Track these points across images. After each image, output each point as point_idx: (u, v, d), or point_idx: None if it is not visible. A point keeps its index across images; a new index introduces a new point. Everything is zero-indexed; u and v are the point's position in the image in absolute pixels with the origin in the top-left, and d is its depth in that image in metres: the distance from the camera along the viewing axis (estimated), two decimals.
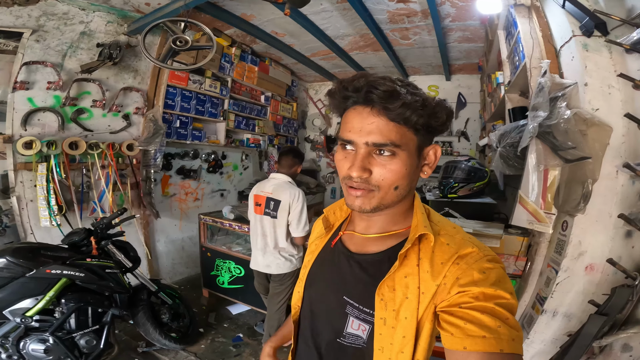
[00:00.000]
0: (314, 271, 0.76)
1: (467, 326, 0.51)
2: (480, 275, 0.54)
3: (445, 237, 0.62)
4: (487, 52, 3.22)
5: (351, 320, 0.65)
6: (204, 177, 4.14)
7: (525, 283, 1.70)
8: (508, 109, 2.34)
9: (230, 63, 3.83)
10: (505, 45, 2.40)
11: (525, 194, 1.58)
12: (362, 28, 3.33)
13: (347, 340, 0.65)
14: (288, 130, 5.17)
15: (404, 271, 0.61)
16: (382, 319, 0.60)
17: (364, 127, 0.58)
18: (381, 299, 0.61)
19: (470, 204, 2.05)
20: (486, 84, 3.57)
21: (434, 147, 0.65)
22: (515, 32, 2.06)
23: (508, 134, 1.73)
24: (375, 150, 0.59)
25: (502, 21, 2.36)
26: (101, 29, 2.83)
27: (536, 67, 1.69)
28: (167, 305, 2.46)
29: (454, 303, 0.54)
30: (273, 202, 2.11)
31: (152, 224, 3.51)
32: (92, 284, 1.93)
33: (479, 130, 4.56)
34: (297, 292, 0.79)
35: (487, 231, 1.75)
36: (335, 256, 0.73)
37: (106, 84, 2.93)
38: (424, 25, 3.17)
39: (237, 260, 2.88)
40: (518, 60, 2.00)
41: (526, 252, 1.71)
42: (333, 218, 0.81)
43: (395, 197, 0.62)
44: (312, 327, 0.73)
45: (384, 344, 0.60)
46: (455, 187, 2.04)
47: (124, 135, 3.12)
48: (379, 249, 0.67)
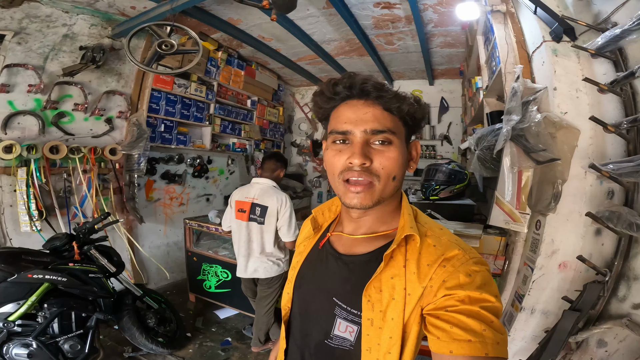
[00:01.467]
0: (302, 272, 0.76)
1: (453, 330, 0.51)
2: (466, 278, 0.55)
3: (431, 239, 0.63)
4: (467, 57, 3.34)
5: (338, 322, 0.65)
6: (189, 181, 4.09)
7: (504, 281, 1.75)
8: (486, 113, 2.43)
9: (216, 67, 3.82)
10: (484, 50, 2.49)
11: (502, 194, 1.64)
12: (347, 33, 3.39)
13: (334, 342, 0.65)
14: (274, 134, 5.18)
15: (391, 272, 0.61)
16: (369, 319, 0.61)
17: (359, 116, 0.60)
18: (368, 300, 0.61)
19: (451, 206, 2.12)
20: (467, 88, 3.69)
21: (415, 142, 0.69)
22: (492, 37, 2.14)
23: (485, 137, 1.80)
24: (372, 138, 0.60)
25: (481, 27, 2.45)
26: (85, 32, 2.79)
27: (510, 72, 1.76)
28: (153, 309, 2.43)
29: (440, 306, 0.55)
30: (259, 208, 2.12)
31: (136, 229, 3.45)
32: (75, 288, 1.91)
33: (461, 134, 4.69)
34: (286, 294, 0.79)
35: (467, 231, 1.81)
36: (323, 257, 0.73)
37: (88, 87, 2.88)
38: (408, 30, 3.26)
39: (224, 265, 2.86)
40: (495, 65, 2.08)
41: (504, 251, 1.77)
42: (321, 219, 0.81)
43: (393, 188, 0.63)
44: (301, 328, 0.73)
45: (372, 345, 0.61)
46: (436, 189, 2.10)
47: (107, 140, 3.07)
48: (366, 250, 0.67)
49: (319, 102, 0.66)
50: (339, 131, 0.62)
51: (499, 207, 1.64)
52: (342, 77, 0.63)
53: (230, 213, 2.28)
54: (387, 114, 0.61)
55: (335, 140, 0.63)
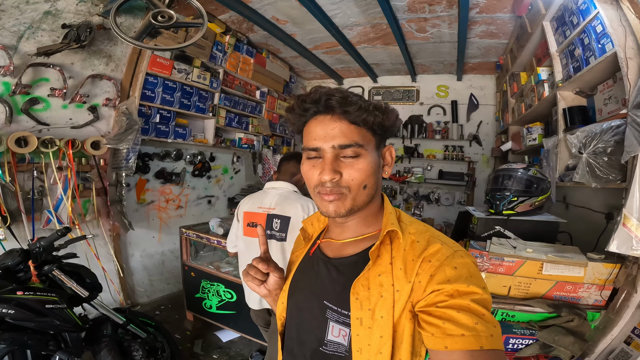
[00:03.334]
0: (295, 281, 0.76)
1: (445, 325, 0.51)
2: (452, 272, 0.55)
3: (415, 235, 0.63)
4: (515, 48, 2.87)
5: (331, 325, 0.65)
6: (188, 181, 3.61)
7: (617, 316, 1.35)
8: (563, 109, 1.97)
9: (222, 52, 3.34)
10: (555, 37, 2.04)
11: (631, 213, 1.19)
12: (375, 16, 2.92)
13: (329, 349, 0.66)
14: (285, 130, 4.70)
15: (378, 270, 0.61)
16: (358, 319, 0.61)
17: (327, 132, 0.61)
18: (356, 298, 0.61)
19: (526, 222, 1.65)
20: (509, 83, 3.23)
21: (389, 147, 0.69)
22: (581, 21, 1.69)
23: (598, 137, 1.34)
24: (341, 152, 0.61)
25: (552, 11, 2.01)
26: (71, 8, 2.32)
27: (632, 58, 1.32)
28: (140, 339, 1.95)
29: (430, 302, 0.54)
30: (278, 219, 1.63)
31: (125, 236, 2.97)
32: (28, 321, 1.44)
33: (493, 134, 4.24)
34: (281, 304, 0.77)
35: (564, 257, 1.35)
36: (314, 264, 0.74)
37: (70, 70, 2.41)
38: (446, 16, 2.79)
39: (228, 284, 2.38)
40: (590, 53, 1.63)
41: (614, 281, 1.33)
42: (311, 229, 0.82)
43: (366, 196, 0.64)
44: (297, 337, 0.73)
45: (362, 345, 0.60)
46: (513, 202, 1.63)
47: (89, 131, 2.59)
48: (354, 252, 0.68)
49: (291, 118, 0.67)
50: (310, 148, 0.63)
51: (627, 229, 1.18)
52: (309, 93, 0.63)
53: (238, 228, 1.77)
54: (353, 127, 0.61)
55: (309, 156, 0.64)
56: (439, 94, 4.48)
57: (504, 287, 1.45)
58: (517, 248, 1.47)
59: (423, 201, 4.55)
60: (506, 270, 1.44)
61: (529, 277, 1.41)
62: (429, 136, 4.46)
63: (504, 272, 1.45)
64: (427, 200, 4.55)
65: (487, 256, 1.45)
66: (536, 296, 1.41)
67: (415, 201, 4.59)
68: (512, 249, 1.47)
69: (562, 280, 1.36)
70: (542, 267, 1.38)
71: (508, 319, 1.41)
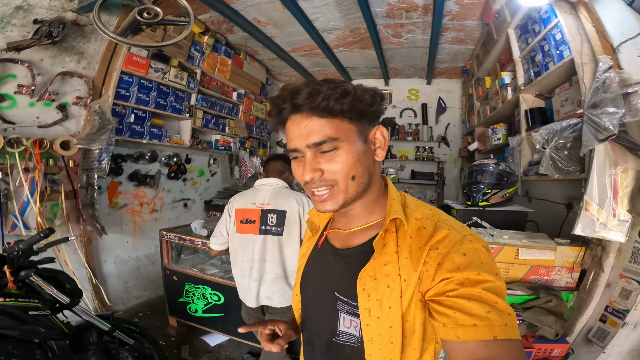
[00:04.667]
0: (306, 273, 0.76)
1: (456, 315, 0.49)
2: (461, 259, 0.53)
3: (421, 221, 0.61)
4: (481, 54, 3.13)
5: (342, 316, 0.65)
6: (163, 184, 3.48)
7: (588, 296, 1.51)
8: (525, 110, 2.20)
9: (201, 53, 3.28)
10: (518, 44, 2.27)
11: (592, 199, 1.37)
12: (354, 21, 3.04)
13: (342, 339, 0.66)
14: (261, 132, 4.68)
15: (384, 259, 0.60)
16: (367, 309, 0.60)
17: (300, 132, 0.60)
18: (363, 288, 0.61)
19: (499, 213, 1.82)
20: (475, 87, 3.51)
21: (379, 128, 0.64)
22: (542, 29, 1.91)
23: (559, 134, 1.53)
24: (318, 150, 0.60)
25: (517, 20, 2.23)
26: (44, 4, 2.20)
27: (587, 63, 1.52)
28: (128, 346, 1.86)
29: (440, 292, 0.53)
30: (274, 214, 1.65)
31: (97, 241, 2.81)
32: (12, 329, 1.33)
33: (460, 135, 4.54)
34: (295, 296, 0.79)
35: (536, 242, 1.52)
36: (323, 255, 0.73)
37: (39, 66, 2.27)
38: (421, 22, 2.98)
39: (214, 286, 2.33)
40: (550, 58, 1.84)
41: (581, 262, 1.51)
42: (318, 220, 0.81)
43: (357, 186, 0.62)
44: (312, 328, 0.74)
45: (373, 335, 0.60)
46: (488, 194, 1.79)
47: (58, 130, 2.43)
48: (360, 241, 0.67)
49: (271, 121, 0.66)
50: (291, 149, 0.63)
51: (590, 214, 1.36)
52: (279, 93, 0.62)
53: (228, 226, 1.76)
54: (324, 120, 0.59)
55: (293, 157, 0.64)
56: (410, 97, 4.72)
57: None
58: (494, 236, 1.61)
59: None
60: None
61: (507, 263, 1.55)
62: (401, 138, 4.67)
63: None
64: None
65: None
66: (514, 280, 1.54)
67: None
68: (490, 237, 1.61)
69: (536, 265, 1.52)
70: (517, 253, 1.52)
71: None
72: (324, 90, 0.57)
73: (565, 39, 1.66)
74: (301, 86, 0.59)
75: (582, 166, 1.53)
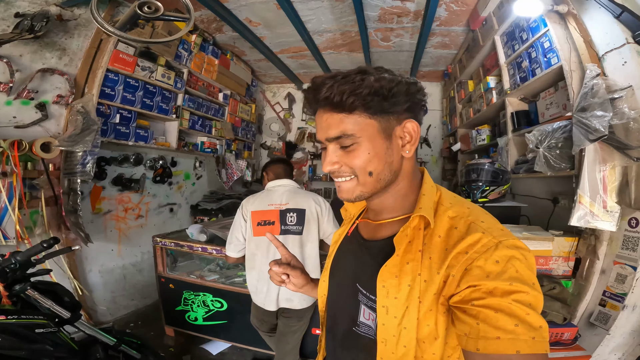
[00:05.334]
0: (335, 261, 0.76)
1: (480, 326, 0.47)
2: (493, 267, 0.49)
3: (454, 220, 0.58)
4: (464, 58, 3.32)
5: (362, 309, 0.65)
6: (148, 188, 3.32)
7: (586, 282, 1.65)
8: (511, 113, 2.36)
9: (188, 52, 3.18)
10: (504, 50, 2.44)
11: (584, 193, 1.51)
12: (346, 24, 3.11)
13: (361, 330, 0.65)
14: (247, 134, 4.61)
15: (407, 257, 0.58)
16: (384, 307, 0.59)
17: (322, 126, 0.61)
18: (383, 285, 0.59)
19: (496, 208, 1.95)
20: (457, 90, 3.70)
21: (409, 122, 0.61)
22: (530, 37, 2.07)
23: (550, 135, 1.67)
24: (335, 143, 0.60)
25: (504, 27, 2.40)
26: None
27: (575, 70, 1.69)
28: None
29: (466, 299, 0.50)
30: (294, 213, 1.65)
31: (80, 250, 2.62)
32: (18, 349, 1.22)
33: (440, 136, 4.76)
34: (322, 282, 0.78)
35: (535, 234, 1.65)
36: (351, 244, 0.74)
37: (18, 62, 2.10)
38: (410, 27, 3.10)
39: (216, 292, 2.27)
40: (537, 65, 2.01)
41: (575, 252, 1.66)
42: (352, 208, 0.81)
43: (376, 182, 0.61)
44: (336, 315, 0.73)
45: (387, 336, 0.59)
46: (486, 191, 1.91)
47: (36, 131, 2.25)
48: (387, 234, 0.65)
49: (308, 110, 0.66)
50: (318, 140, 0.64)
51: (583, 206, 1.50)
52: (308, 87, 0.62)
53: (244, 231, 1.72)
54: (342, 115, 0.58)
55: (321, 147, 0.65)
56: None
57: None
58: None
59: None
60: None
61: None
62: None
63: None
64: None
65: None
66: None
67: None
68: None
69: (535, 255, 1.65)
70: None
71: None
72: (340, 84, 0.55)
73: (554, 47, 1.82)
74: (325, 80, 0.57)
75: (572, 164, 1.69)
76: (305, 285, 0.82)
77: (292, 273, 0.80)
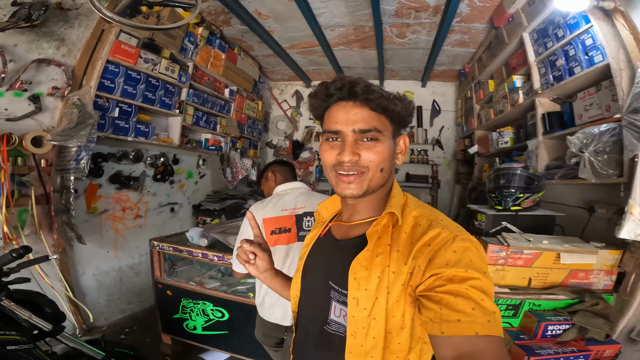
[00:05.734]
0: (308, 262, 0.79)
1: (442, 311, 0.51)
2: (452, 256, 0.55)
3: (417, 219, 0.64)
4: (485, 57, 3.13)
5: (334, 305, 0.68)
6: (148, 187, 3.16)
7: (630, 297, 1.48)
8: (542, 114, 2.17)
9: (194, 45, 3.03)
10: (534, 48, 2.26)
11: (636, 203, 1.33)
12: (360, 18, 2.93)
13: (332, 328, 0.68)
14: (252, 132, 4.44)
15: (377, 251, 0.63)
16: (355, 298, 0.62)
17: (349, 117, 0.64)
18: (354, 277, 0.63)
19: (528, 217, 1.77)
20: (475, 90, 3.51)
21: (403, 136, 0.72)
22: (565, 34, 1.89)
23: (597, 138, 1.49)
24: (360, 136, 0.64)
25: (535, 24, 2.21)
26: None
27: (624, 69, 1.50)
28: None
29: (429, 287, 0.55)
30: (312, 217, 1.47)
31: (73, 252, 2.47)
32: None
33: (453, 138, 4.57)
34: (295, 283, 0.80)
35: (576, 247, 1.48)
36: (323, 245, 0.77)
37: (12, 52, 1.97)
38: (428, 23, 2.92)
39: (217, 301, 2.10)
40: (576, 63, 1.83)
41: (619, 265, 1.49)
42: (325, 213, 0.83)
43: (381, 179, 0.67)
44: (308, 315, 0.75)
45: (357, 329, 0.62)
46: (520, 198, 1.73)
47: (29, 124, 2.11)
48: (359, 233, 0.70)
49: (314, 103, 0.71)
50: (331, 130, 0.66)
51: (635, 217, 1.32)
52: (334, 80, 0.66)
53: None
54: (374, 113, 0.64)
55: (329, 138, 0.68)
56: None
57: (524, 278, 1.53)
58: (532, 241, 1.55)
59: None
60: (524, 263, 1.52)
61: (546, 268, 1.51)
62: None
63: (522, 264, 1.52)
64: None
65: (507, 250, 1.50)
66: (554, 285, 1.51)
67: None
68: (527, 242, 1.55)
69: (576, 269, 1.48)
70: (558, 257, 1.48)
71: (535, 308, 1.50)
72: (378, 89, 0.63)
73: (598, 45, 1.65)
74: (358, 79, 0.64)
75: (620, 170, 1.50)
76: (267, 270, 0.84)
77: (260, 255, 0.81)
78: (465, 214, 1.93)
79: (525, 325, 1.51)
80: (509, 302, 1.51)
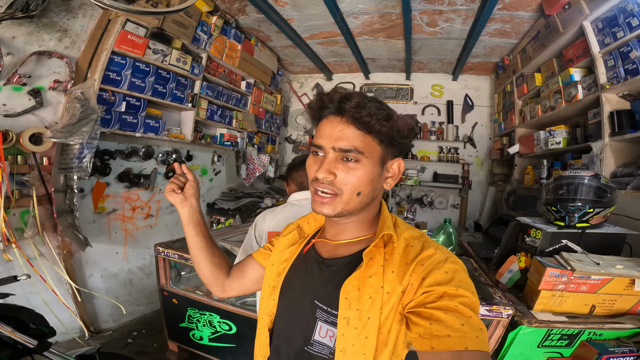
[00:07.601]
0: (288, 279, 0.76)
1: (432, 326, 0.52)
2: (444, 276, 0.56)
3: (409, 240, 0.65)
4: (530, 48, 2.73)
5: (319, 325, 0.66)
6: (160, 184, 3.03)
7: None
8: (610, 112, 1.81)
9: (208, 35, 2.83)
10: (598, 38, 1.90)
11: None
12: (387, 5, 2.62)
13: (314, 349, 0.66)
14: (270, 126, 4.23)
15: (369, 271, 0.62)
16: (345, 318, 0.61)
17: (333, 133, 0.62)
18: (345, 297, 0.62)
19: (594, 235, 1.44)
20: (517, 84, 3.11)
21: (398, 160, 0.68)
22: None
23: None
24: (341, 155, 0.62)
25: (599, 12, 1.85)
26: None
27: None
28: None
29: (420, 303, 0.56)
30: None
31: (80, 253, 2.37)
32: None
33: (487, 136, 4.16)
34: (272, 300, 0.76)
35: None
36: (307, 263, 0.74)
37: (10, 44, 1.84)
38: (464, 10, 2.56)
39: (224, 314, 1.93)
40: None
41: None
42: (307, 228, 0.82)
43: (359, 203, 0.64)
44: (285, 335, 0.73)
45: (346, 345, 0.61)
46: (589, 214, 1.40)
47: (29, 120, 1.99)
48: (348, 253, 0.69)
49: (309, 112, 0.70)
50: (315, 144, 0.65)
51: None
52: (329, 92, 0.65)
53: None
54: (359, 133, 0.62)
55: (314, 151, 0.66)
56: (434, 93, 4.31)
57: (586, 305, 1.29)
58: (601, 264, 1.26)
59: (416, 204, 4.37)
60: (589, 289, 1.27)
61: (615, 294, 1.27)
62: (424, 137, 4.27)
63: (586, 290, 1.28)
64: (420, 203, 4.37)
65: (570, 275, 1.23)
66: (620, 312, 1.28)
67: (407, 204, 4.38)
68: (595, 266, 1.25)
69: None
70: (632, 283, 1.24)
71: (595, 338, 1.27)
72: (371, 107, 0.60)
73: None
74: (353, 94, 0.62)
75: None
76: (183, 202, 0.86)
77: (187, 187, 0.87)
78: (514, 228, 1.62)
79: (580, 356, 1.28)
80: (564, 332, 1.26)
